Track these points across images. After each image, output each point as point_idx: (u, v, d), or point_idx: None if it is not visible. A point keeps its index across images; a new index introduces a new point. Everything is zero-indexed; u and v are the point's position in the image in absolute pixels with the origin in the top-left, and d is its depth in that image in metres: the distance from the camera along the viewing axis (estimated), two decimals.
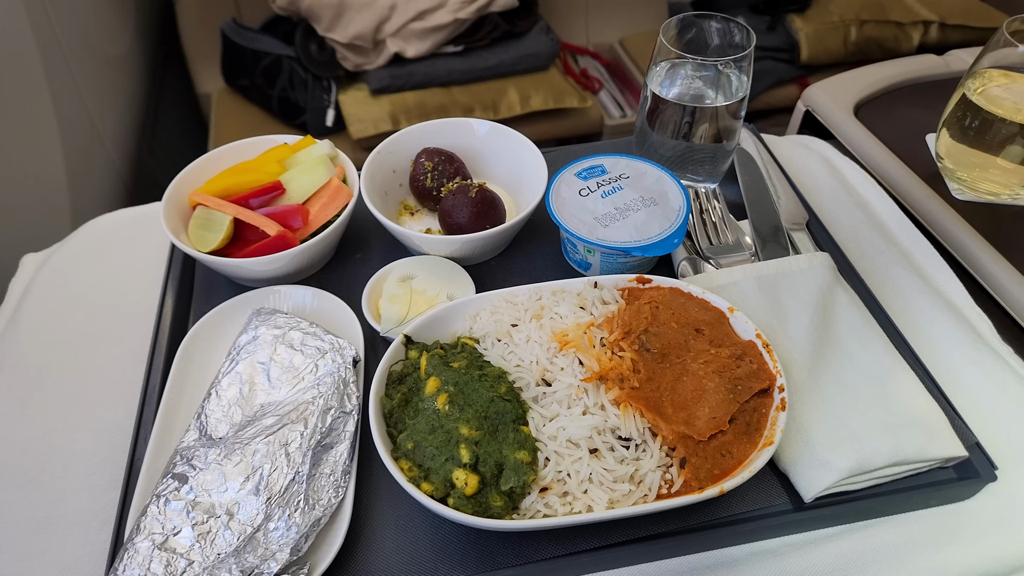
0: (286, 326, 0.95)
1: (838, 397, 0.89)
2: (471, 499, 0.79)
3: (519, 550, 0.82)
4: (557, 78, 2.56)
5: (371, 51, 2.35)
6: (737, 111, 1.11)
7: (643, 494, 0.80)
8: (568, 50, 2.85)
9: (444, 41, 2.40)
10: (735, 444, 0.84)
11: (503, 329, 0.92)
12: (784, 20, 2.79)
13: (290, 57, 2.36)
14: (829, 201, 1.21)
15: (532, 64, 2.51)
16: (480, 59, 2.46)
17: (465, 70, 2.44)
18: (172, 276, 1.08)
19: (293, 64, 2.37)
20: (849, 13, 2.71)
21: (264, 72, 2.39)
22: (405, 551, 0.82)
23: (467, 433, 0.81)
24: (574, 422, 0.82)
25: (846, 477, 0.83)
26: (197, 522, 0.78)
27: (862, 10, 2.71)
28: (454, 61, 2.44)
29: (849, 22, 2.69)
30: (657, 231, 1.03)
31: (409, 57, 2.37)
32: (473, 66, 2.45)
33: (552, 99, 2.47)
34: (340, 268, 1.11)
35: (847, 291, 1.01)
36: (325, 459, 0.84)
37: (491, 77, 2.48)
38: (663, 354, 0.90)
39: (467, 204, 1.05)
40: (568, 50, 2.85)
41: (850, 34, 2.68)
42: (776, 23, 2.78)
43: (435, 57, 2.41)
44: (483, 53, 2.47)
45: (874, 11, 2.71)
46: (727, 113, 1.11)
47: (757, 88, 2.73)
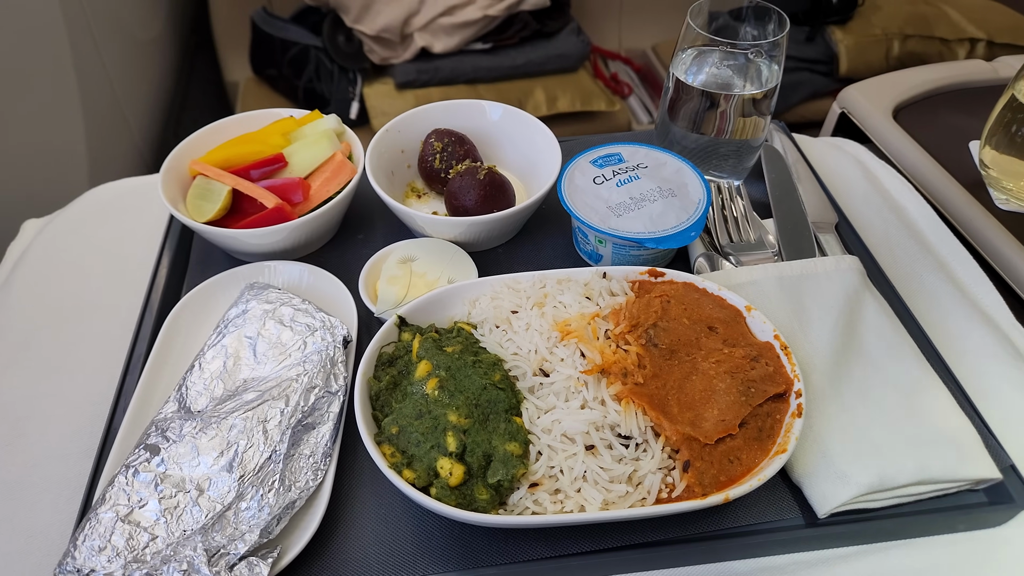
0: (277, 301, 0.91)
1: (861, 407, 0.83)
2: (455, 490, 0.73)
3: (504, 549, 0.76)
4: (586, 80, 2.51)
5: (398, 44, 2.33)
6: (766, 102, 1.05)
7: (641, 497, 0.74)
8: (599, 54, 2.80)
9: (472, 38, 2.37)
10: (744, 450, 0.77)
11: (502, 315, 0.87)
12: (824, 31, 2.71)
13: (317, 48, 2.35)
14: (861, 204, 1.14)
15: (561, 65, 2.47)
16: (508, 57, 2.42)
17: (492, 68, 2.40)
18: (168, 247, 1.04)
19: (320, 55, 2.36)
20: (893, 27, 2.63)
21: (291, 62, 2.38)
22: (384, 542, 0.77)
23: (455, 420, 0.76)
24: (571, 416, 0.77)
25: (865, 493, 0.76)
26: (165, 496, 0.74)
27: (906, 24, 2.63)
28: (481, 58, 2.40)
29: (892, 36, 2.61)
30: (673, 223, 0.97)
31: (436, 52, 2.34)
32: (500, 64, 2.41)
33: (579, 101, 2.42)
34: (341, 248, 1.07)
35: (876, 297, 0.95)
36: (306, 439, 0.79)
37: (518, 76, 2.44)
38: (672, 350, 0.84)
39: (475, 186, 1.01)
40: (599, 54, 2.80)
41: (892, 48, 2.60)
42: (815, 34, 2.71)
43: (462, 54, 2.38)
44: (511, 52, 2.44)
45: (919, 26, 2.62)
46: (755, 104, 1.05)
47: (792, 100, 2.65)
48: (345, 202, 1.01)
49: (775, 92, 1.06)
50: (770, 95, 1.05)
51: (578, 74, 2.53)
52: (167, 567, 0.69)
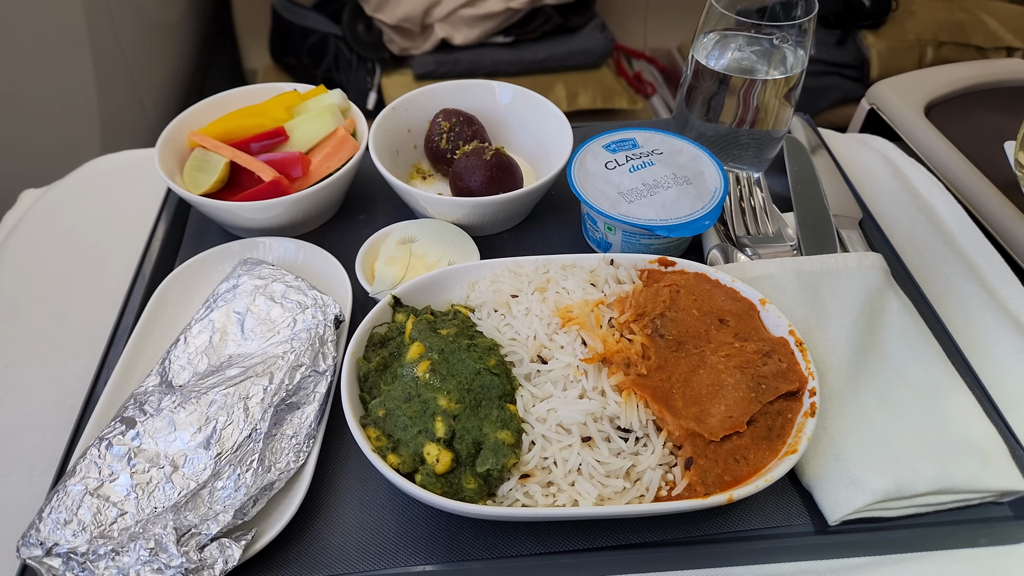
0: (270, 278, 0.88)
1: (879, 410, 0.77)
2: (441, 478, 0.69)
3: (492, 542, 0.72)
4: (608, 78, 2.47)
5: (418, 35, 2.30)
6: (790, 90, 1.00)
7: (639, 493, 0.70)
8: (623, 52, 2.76)
9: (494, 31, 2.34)
10: (752, 449, 0.73)
11: (502, 299, 0.83)
12: (856, 36, 2.65)
13: (337, 36, 2.33)
14: (888, 201, 1.09)
15: (583, 61, 2.43)
16: (529, 51, 2.38)
17: (513, 61, 2.37)
18: (163, 219, 1.01)
19: (340, 44, 2.33)
20: (927, 33, 2.56)
21: (310, 50, 2.36)
22: (366, 530, 0.73)
23: (445, 405, 0.72)
24: (568, 405, 0.72)
25: (881, 500, 0.71)
26: (137, 471, 0.70)
27: (941, 31, 2.55)
28: (502, 52, 2.37)
29: (926, 42, 2.54)
30: (687, 211, 0.92)
31: (456, 44, 2.31)
32: (521, 58, 2.37)
33: (600, 98, 2.38)
34: (341, 227, 1.03)
35: (900, 297, 0.89)
36: (289, 419, 0.76)
37: (539, 71, 2.41)
38: (679, 342, 0.79)
39: (481, 167, 0.97)
40: (623, 52, 2.76)
41: (926, 55, 2.52)
42: (847, 38, 2.64)
43: (483, 46, 2.35)
44: (532, 46, 2.40)
45: (954, 33, 2.55)
46: (779, 91, 1.00)
47: (819, 104, 2.59)
48: (346, 179, 0.97)
49: (800, 80, 1.01)
50: (795, 83, 1.00)
51: (600, 71, 2.48)
52: (134, 544, 0.65)
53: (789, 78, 0.99)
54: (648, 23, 2.80)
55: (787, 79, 0.99)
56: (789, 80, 0.99)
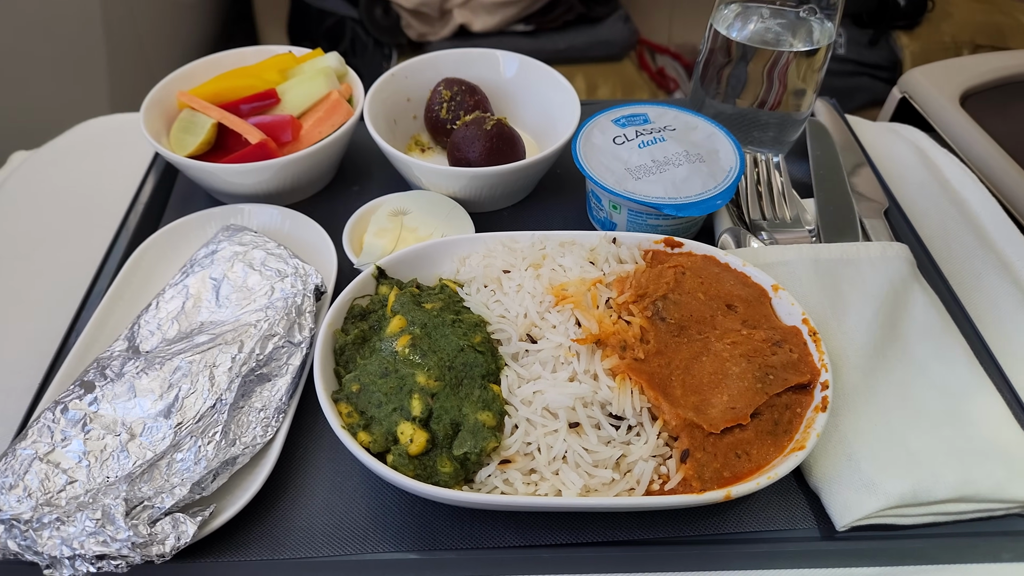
0: (251, 244, 0.83)
1: (898, 409, 0.71)
2: (415, 460, 0.64)
3: (468, 532, 0.66)
4: (630, 71, 2.40)
5: (436, 20, 2.25)
6: (815, 68, 0.94)
7: (629, 486, 0.64)
8: (647, 46, 2.69)
9: (514, 18, 2.28)
10: (755, 444, 0.66)
11: (493, 275, 0.77)
12: (889, 36, 2.56)
13: (354, 20, 2.29)
14: (916, 191, 1.02)
15: (604, 52, 2.37)
16: (549, 41, 2.32)
17: (532, 51, 2.26)
18: (148, 183, 0.97)
19: (357, 27, 2.29)
20: (963, 35, 2.46)
21: (327, 33, 2.32)
22: (335, 512, 0.68)
23: (424, 382, 0.67)
24: (556, 388, 0.67)
25: (895, 506, 0.64)
26: (92, 437, 0.66)
27: (978, 33, 2.46)
28: (521, 40, 2.31)
29: (962, 45, 2.45)
30: (698, 190, 0.86)
31: (475, 31, 2.25)
32: (541, 47, 2.31)
33: (621, 91, 2.31)
34: (332, 198, 0.98)
35: (926, 291, 0.83)
36: (258, 391, 0.71)
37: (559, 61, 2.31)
38: (681, 327, 0.74)
39: (480, 138, 0.91)
40: (647, 46, 2.69)
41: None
42: (879, 38, 2.55)
43: (502, 35, 2.29)
44: (553, 35, 2.34)
45: (991, 36, 2.45)
46: (803, 68, 0.93)
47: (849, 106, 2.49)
48: (337, 146, 0.92)
49: (826, 58, 0.94)
50: (821, 61, 0.94)
51: (622, 64, 2.42)
52: (81, 515, 0.60)
53: (814, 54, 0.93)
54: (674, 18, 2.73)
55: (812, 55, 0.93)
56: (814, 56, 0.93)
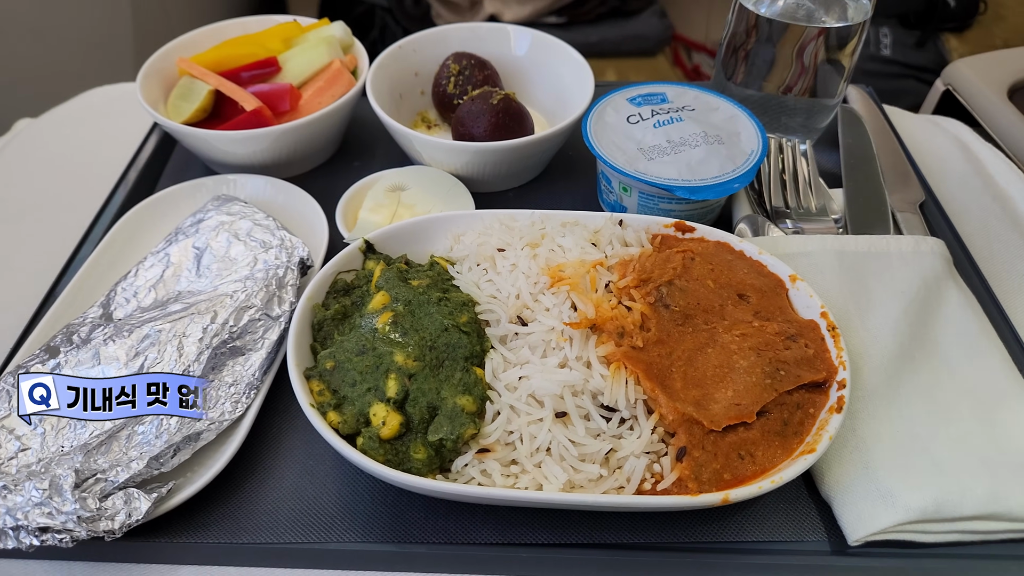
0: (239, 214, 0.79)
1: (924, 414, 0.64)
2: (386, 444, 0.59)
3: (442, 526, 0.62)
4: (664, 66, 2.33)
5: (467, 9, 2.21)
6: (849, 46, 0.87)
7: (618, 484, 0.59)
8: (682, 42, 2.62)
9: (546, 10, 2.23)
10: (761, 445, 0.60)
11: (487, 253, 0.72)
12: (937, 38, 2.45)
13: (384, 8, 2.26)
14: (956, 186, 0.95)
15: (638, 47, 2.30)
16: (581, 34, 2.27)
17: None
18: (144, 152, 0.94)
19: (386, 16, 2.27)
20: (1016, 38, 2.34)
21: (357, 21, 2.30)
22: (304, 497, 0.64)
23: (402, 362, 0.62)
24: (544, 374, 0.62)
25: (915, 521, 0.58)
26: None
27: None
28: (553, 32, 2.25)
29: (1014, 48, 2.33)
30: (715, 172, 0.80)
31: (506, 21, 2.21)
32: (572, 40, 2.21)
33: None
34: (332, 173, 0.94)
35: (962, 290, 0.76)
36: (230, 365, 0.67)
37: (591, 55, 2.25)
38: (686, 315, 0.68)
39: (486, 113, 0.86)
40: (682, 42, 2.62)
41: None
42: (927, 40, 2.44)
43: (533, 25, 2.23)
44: (586, 28, 2.28)
45: None
46: (835, 46, 0.87)
47: None
48: (337, 117, 0.88)
49: (860, 38, 0.87)
50: (854, 45, 0.87)
51: (656, 59, 2.35)
52: (29, 484, 0.57)
53: (846, 33, 0.86)
54: (712, 14, 2.66)
55: (845, 34, 0.86)
56: (848, 36, 0.86)
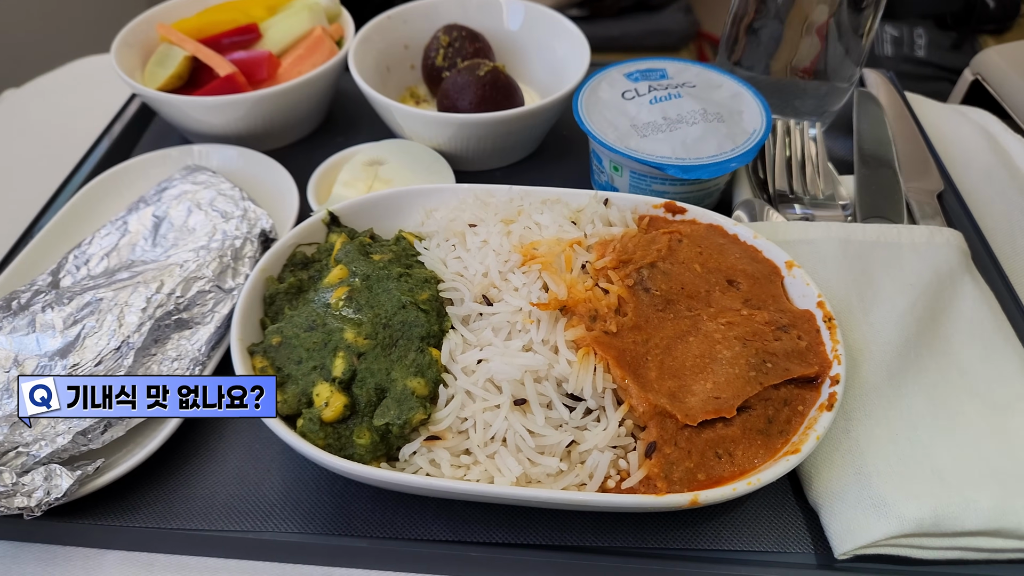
0: (204, 184, 0.75)
1: (928, 417, 0.58)
2: (328, 427, 0.55)
3: (390, 519, 0.57)
4: None
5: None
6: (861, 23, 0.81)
7: (579, 480, 0.53)
8: (707, 39, 2.55)
9: (568, 2, 2.17)
10: (742, 444, 0.55)
11: (457, 228, 0.67)
12: (974, 40, 2.35)
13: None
14: (980, 178, 0.88)
15: (661, 42, 2.24)
16: (603, 27, 2.21)
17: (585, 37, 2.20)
18: (120, 122, 0.91)
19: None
20: None
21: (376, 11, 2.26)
22: (245, 483, 0.59)
23: (352, 339, 0.57)
24: (504, 357, 0.56)
25: (911, 534, 0.52)
26: None
27: None
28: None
29: None
30: (712, 151, 0.74)
31: None
32: (594, 33, 2.15)
33: None
34: (313, 147, 0.90)
35: (978, 285, 0.69)
36: (175, 338, 0.63)
37: (613, 49, 2.23)
38: (668, 300, 0.62)
39: (472, 85, 0.82)
40: (707, 39, 2.55)
41: None
42: (963, 41, 2.34)
43: None
44: (608, 22, 2.23)
45: None
46: (847, 24, 0.81)
47: None
48: (315, 87, 0.84)
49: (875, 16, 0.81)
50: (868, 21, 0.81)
51: (679, 55, 2.28)
52: None
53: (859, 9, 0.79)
54: None
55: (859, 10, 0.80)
56: (859, 12, 0.80)
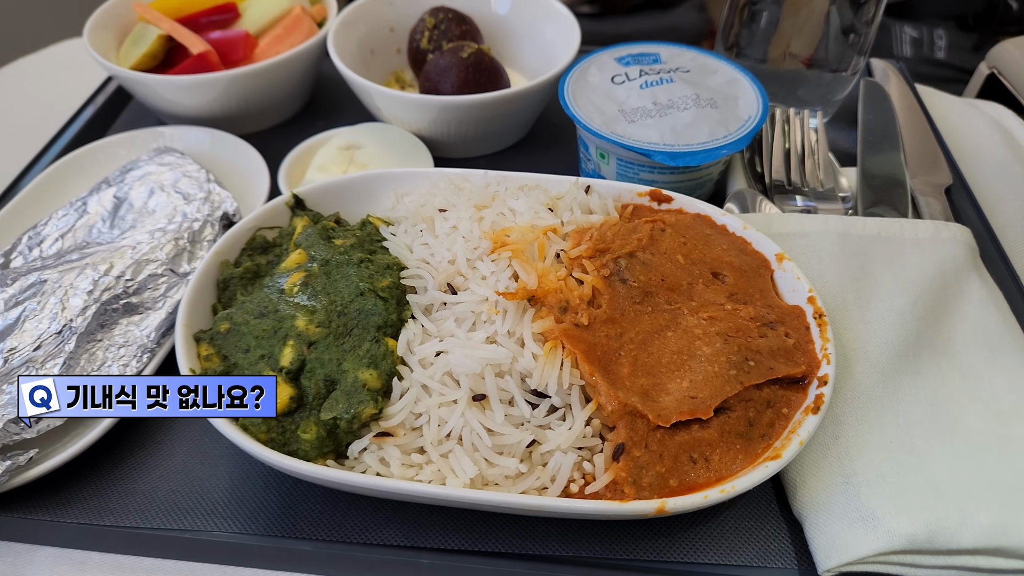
0: (170, 165, 0.72)
1: (925, 423, 0.54)
2: (272, 420, 0.51)
3: (339, 522, 0.53)
4: None
5: None
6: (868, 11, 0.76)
7: (540, 483, 0.49)
8: None
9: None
10: (719, 447, 0.50)
11: (427, 213, 0.63)
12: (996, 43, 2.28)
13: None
14: (993, 174, 0.83)
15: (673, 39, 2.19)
16: (614, 24, 2.16)
17: (595, 33, 2.13)
18: (95, 103, 0.88)
19: None
20: None
21: None
22: (189, 479, 0.56)
23: (303, 328, 0.54)
24: (465, 349, 0.52)
25: (901, 550, 0.47)
26: None
27: None
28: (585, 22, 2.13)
29: None
30: (703, 138, 0.70)
31: None
32: (604, 31, 2.15)
33: None
34: (292, 131, 0.87)
35: (986, 284, 0.64)
36: (122, 324, 0.59)
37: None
38: (646, 292, 0.58)
39: (455, 67, 0.78)
40: None
41: None
42: (985, 43, 2.28)
43: None
44: (619, 19, 2.18)
45: None
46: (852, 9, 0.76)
47: None
48: (292, 67, 0.81)
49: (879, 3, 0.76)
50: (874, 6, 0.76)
51: None
52: None
53: None
54: None
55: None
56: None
